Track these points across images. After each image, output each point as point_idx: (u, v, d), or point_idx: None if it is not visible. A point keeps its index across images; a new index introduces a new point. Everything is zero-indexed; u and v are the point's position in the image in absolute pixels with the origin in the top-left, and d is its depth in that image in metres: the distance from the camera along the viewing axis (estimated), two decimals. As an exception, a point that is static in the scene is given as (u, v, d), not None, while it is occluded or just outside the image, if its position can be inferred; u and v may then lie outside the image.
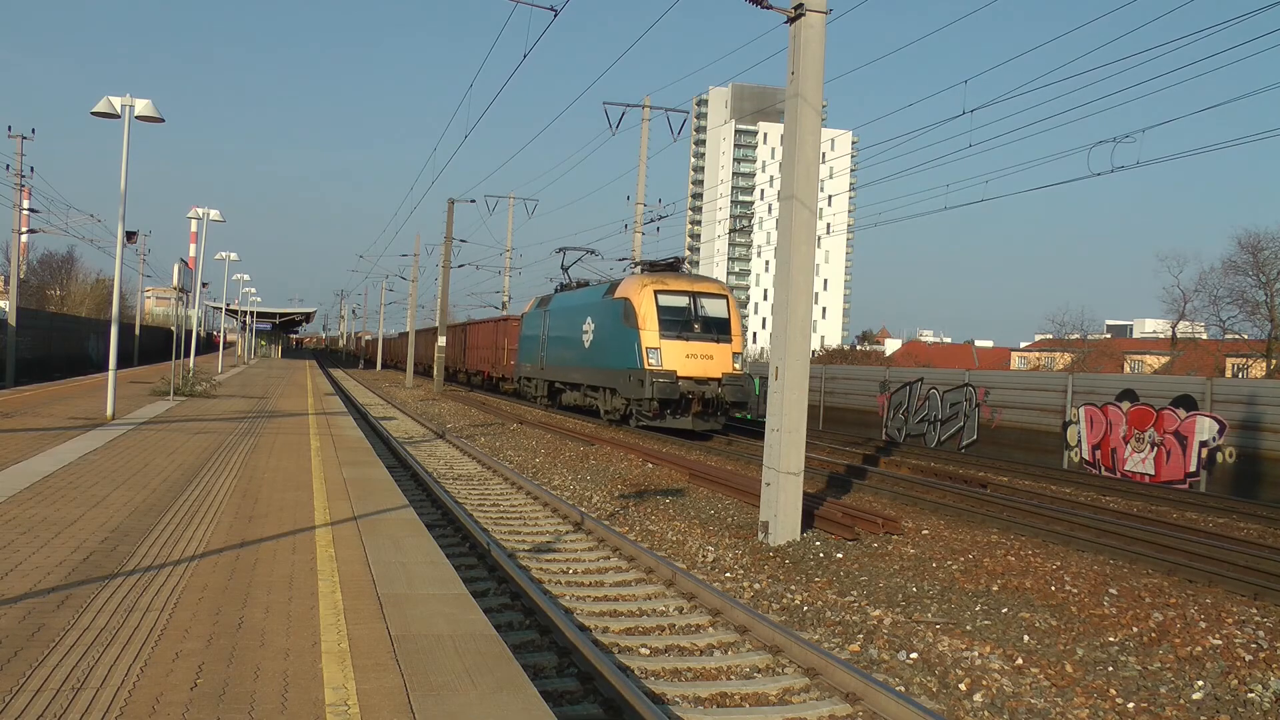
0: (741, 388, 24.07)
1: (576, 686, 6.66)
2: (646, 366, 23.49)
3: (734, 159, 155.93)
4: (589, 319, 27.97)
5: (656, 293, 24.44)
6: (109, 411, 17.23)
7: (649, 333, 23.82)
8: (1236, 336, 56.45)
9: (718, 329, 24.44)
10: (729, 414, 25.99)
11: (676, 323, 24.09)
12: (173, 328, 53.65)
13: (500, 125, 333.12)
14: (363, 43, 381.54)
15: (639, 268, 28.16)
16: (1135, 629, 8.07)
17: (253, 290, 63.80)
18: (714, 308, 24.75)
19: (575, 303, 30.30)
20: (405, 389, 49.74)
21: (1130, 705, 6.68)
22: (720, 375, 23.75)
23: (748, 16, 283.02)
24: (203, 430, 15.96)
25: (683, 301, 24.52)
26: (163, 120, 17.16)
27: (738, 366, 24.38)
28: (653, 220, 35.14)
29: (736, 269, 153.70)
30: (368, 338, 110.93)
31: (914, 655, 7.59)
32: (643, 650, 7.62)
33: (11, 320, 35.93)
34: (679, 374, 23.45)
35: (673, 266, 27.38)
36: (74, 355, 46.33)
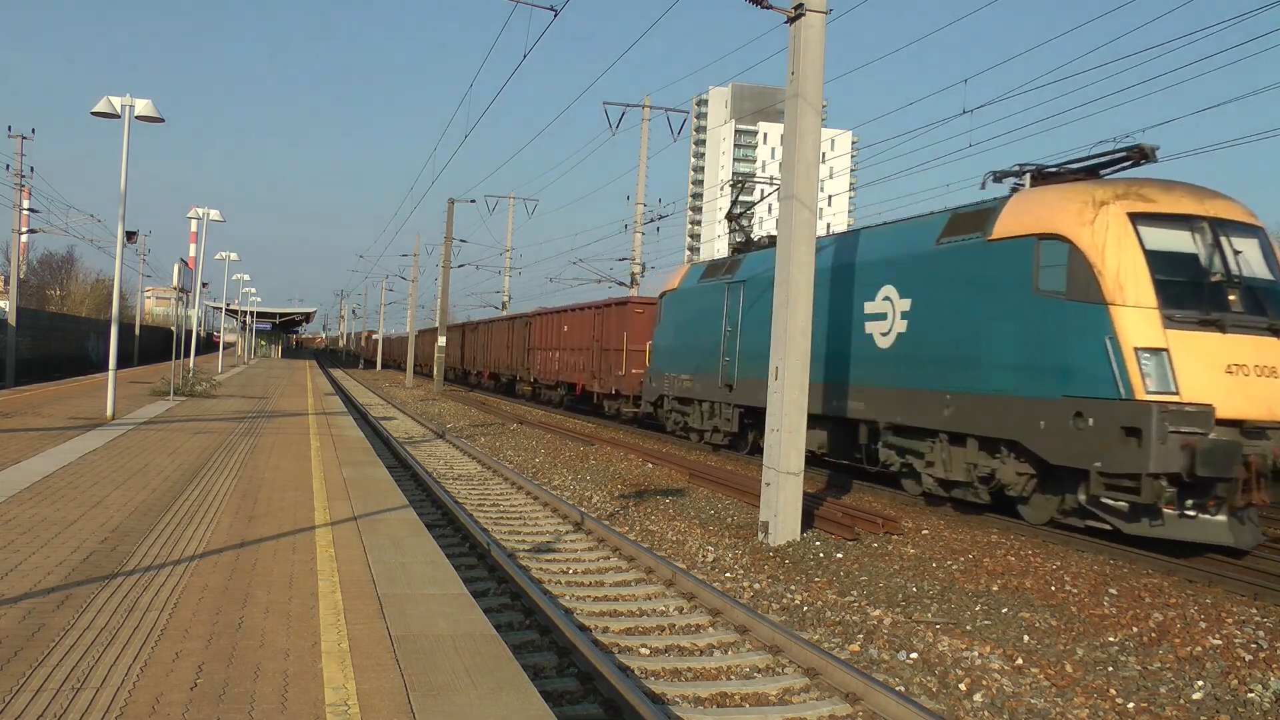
0: None
1: (576, 686, 6.67)
2: (1142, 395, 10.10)
3: (734, 159, 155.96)
4: (887, 290, 14.11)
5: (1134, 218, 10.78)
6: (109, 411, 17.23)
7: (1138, 313, 10.37)
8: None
9: (1275, 304, 10.85)
10: None
11: (1194, 289, 10.62)
12: (173, 328, 53.68)
13: (500, 125, 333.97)
14: (363, 43, 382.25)
15: (1028, 177, 12.81)
16: (1135, 629, 8.07)
17: (253, 290, 63.97)
18: (1252, 253, 11.00)
19: (840, 260, 15.35)
20: (405, 389, 49.77)
21: (1130, 705, 6.68)
22: None
23: (748, 16, 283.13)
24: (203, 430, 15.96)
25: (1196, 241, 10.84)
26: (163, 120, 17.19)
27: None
28: (653, 220, 35.21)
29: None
30: (376, 336, 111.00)
31: (914, 655, 7.59)
32: (643, 650, 7.62)
33: (11, 320, 35.95)
34: (1217, 412, 10.08)
35: (1125, 161, 11.99)
36: (74, 355, 46.34)
